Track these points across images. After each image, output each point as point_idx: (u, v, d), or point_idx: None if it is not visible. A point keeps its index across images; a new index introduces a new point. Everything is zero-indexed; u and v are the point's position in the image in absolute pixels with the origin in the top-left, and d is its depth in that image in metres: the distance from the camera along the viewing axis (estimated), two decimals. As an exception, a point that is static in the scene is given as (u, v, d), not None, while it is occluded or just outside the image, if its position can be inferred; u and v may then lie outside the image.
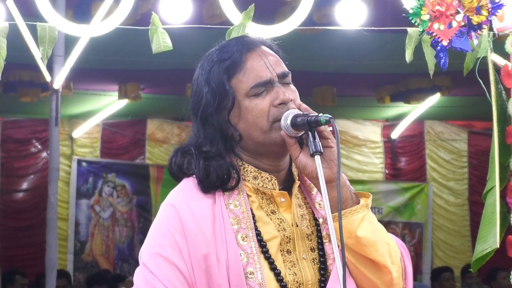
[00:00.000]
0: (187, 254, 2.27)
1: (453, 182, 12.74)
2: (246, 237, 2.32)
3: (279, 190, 2.40)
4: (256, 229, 2.34)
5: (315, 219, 2.44)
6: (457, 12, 3.48)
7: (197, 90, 2.41)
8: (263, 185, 2.39)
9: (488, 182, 3.83)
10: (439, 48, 3.51)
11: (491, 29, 3.78)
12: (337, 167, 2.33)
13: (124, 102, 10.39)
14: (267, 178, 2.39)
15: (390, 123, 12.61)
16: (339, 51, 8.70)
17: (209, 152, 2.36)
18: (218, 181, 2.33)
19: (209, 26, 4.56)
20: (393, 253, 2.41)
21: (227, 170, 2.34)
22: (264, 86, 2.36)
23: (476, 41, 3.56)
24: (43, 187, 10.11)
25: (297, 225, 2.40)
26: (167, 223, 2.32)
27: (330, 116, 2.30)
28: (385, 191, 12.30)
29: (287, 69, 2.42)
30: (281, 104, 2.35)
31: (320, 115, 2.30)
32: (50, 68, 7.77)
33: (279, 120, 2.34)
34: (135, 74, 9.72)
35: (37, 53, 4.27)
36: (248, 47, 2.40)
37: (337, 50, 8.66)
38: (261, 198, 2.39)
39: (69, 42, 7.61)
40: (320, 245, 2.41)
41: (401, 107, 11.55)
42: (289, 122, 2.31)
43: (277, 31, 4.30)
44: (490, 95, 3.80)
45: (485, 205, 3.84)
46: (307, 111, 2.36)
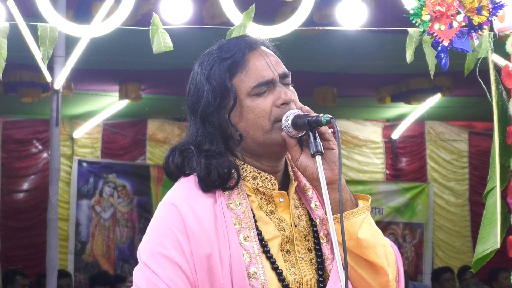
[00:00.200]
0: (189, 254, 2.25)
1: (453, 182, 12.74)
2: (248, 237, 2.31)
3: (278, 190, 2.40)
4: (257, 228, 2.34)
5: (311, 220, 2.44)
6: (458, 13, 3.48)
7: (196, 88, 2.39)
8: (262, 185, 2.38)
9: (489, 183, 3.83)
10: (439, 49, 3.52)
11: (491, 29, 3.78)
12: (338, 168, 2.33)
13: (125, 102, 10.39)
14: (266, 178, 2.38)
15: (391, 124, 12.61)
16: (340, 52, 8.70)
17: (209, 151, 2.34)
18: (219, 179, 2.32)
19: (209, 26, 4.56)
20: (389, 255, 2.42)
21: (228, 169, 2.33)
22: (266, 86, 2.36)
23: (477, 42, 3.57)
24: (44, 187, 10.11)
25: (296, 225, 2.40)
26: (168, 222, 2.29)
27: (331, 116, 2.30)
28: (386, 191, 12.29)
29: (287, 70, 2.42)
30: (283, 104, 2.35)
31: (321, 115, 2.30)
32: (50, 68, 7.77)
33: (280, 121, 2.34)
34: (136, 74, 9.72)
35: (37, 54, 4.27)
36: (250, 46, 2.39)
37: (337, 51, 8.66)
38: (260, 198, 2.39)
39: (70, 43, 7.61)
40: (317, 245, 2.40)
41: (401, 108, 11.55)
42: (290, 122, 2.31)
43: (277, 31, 4.30)
44: (491, 96, 3.80)
45: (485, 206, 3.84)
46: (308, 112, 2.35)
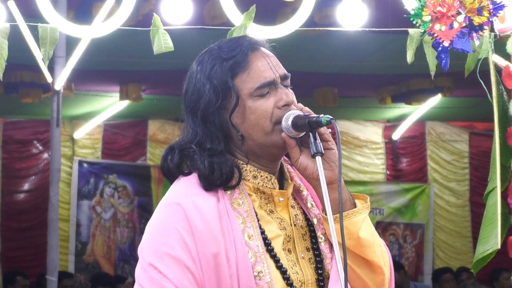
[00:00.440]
0: (195, 253, 2.24)
1: (454, 183, 12.73)
2: (252, 236, 2.31)
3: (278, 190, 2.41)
4: (260, 227, 2.34)
5: (307, 219, 2.45)
6: (458, 13, 3.48)
7: (196, 87, 2.38)
8: (263, 184, 2.38)
9: (489, 183, 3.83)
10: (440, 49, 3.52)
11: (492, 30, 3.78)
12: (339, 168, 2.34)
13: (125, 103, 10.39)
14: (266, 177, 2.39)
15: (391, 124, 12.60)
16: (340, 52, 8.70)
17: (212, 149, 2.34)
18: (223, 178, 2.31)
19: (210, 27, 4.56)
20: (384, 254, 2.43)
21: (231, 167, 2.33)
22: (268, 87, 2.36)
23: (477, 42, 3.57)
24: (44, 188, 10.11)
25: (295, 225, 2.41)
26: (173, 221, 2.27)
27: (331, 117, 2.30)
28: (386, 192, 12.29)
29: (287, 71, 2.43)
30: (284, 105, 2.35)
31: (321, 116, 2.30)
32: (51, 69, 7.78)
33: (281, 122, 2.34)
34: (137, 75, 9.72)
35: (38, 54, 4.27)
36: (252, 47, 2.39)
37: (338, 51, 8.66)
38: (260, 197, 2.39)
39: (71, 43, 7.62)
40: (315, 245, 2.41)
41: (402, 108, 11.55)
42: (290, 122, 2.31)
43: (278, 32, 4.30)
44: (491, 96, 3.80)
45: (486, 206, 3.84)
46: (309, 113, 2.36)
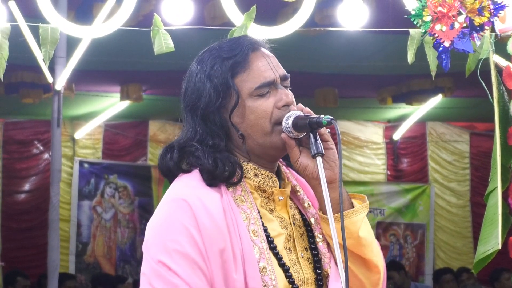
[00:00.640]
0: (204, 249, 2.23)
1: (455, 183, 12.73)
2: (257, 232, 2.31)
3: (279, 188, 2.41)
4: (263, 225, 2.34)
5: (304, 219, 2.45)
6: (459, 13, 3.48)
7: (196, 86, 2.38)
8: (264, 183, 2.38)
9: (490, 184, 3.83)
10: (441, 49, 3.52)
11: (493, 30, 3.78)
12: (339, 168, 2.34)
13: (126, 103, 10.39)
14: (267, 176, 2.39)
15: (392, 124, 12.60)
16: (341, 52, 8.70)
17: (214, 146, 2.34)
18: (226, 173, 2.30)
19: (211, 27, 4.57)
20: (380, 254, 2.45)
21: (234, 163, 2.33)
22: (268, 87, 2.36)
23: (478, 42, 3.57)
24: (45, 188, 10.12)
25: (294, 224, 2.41)
26: (180, 218, 2.25)
27: (332, 117, 2.31)
28: (387, 192, 12.29)
29: (287, 72, 2.43)
30: (284, 106, 2.36)
31: (322, 116, 2.31)
32: (52, 69, 7.78)
33: (280, 123, 2.34)
34: (137, 75, 9.72)
35: (39, 55, 4.28)
36: (252, 46, 2.40)
37: (339, 51, 8.66)
38: (261, 196, 2.39)
39: (71, 44, 7.62)
40: (313, 244, 2.41)
41: (403, 108, 11.55)
42: (290, 123, 2.32)
43: (279, 32, 4.30)
44: (492, 97, 3.80)
45: (487, 207, 3.84)
46: (309, 113, 2.36)
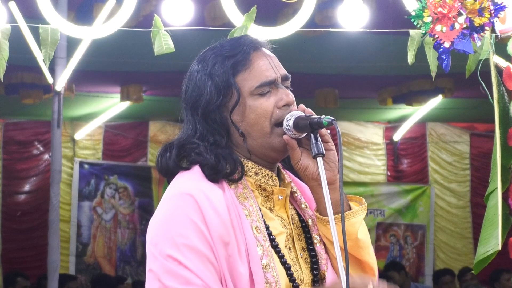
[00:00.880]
0: (212, 243, 2.22)
1: (455, 184, 12.73)
2: (259, 229, 2.31)
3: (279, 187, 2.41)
4: (265, 223, 2.34)
5: (301, 220, 2.45)
6: (459, 14, 3.48)
7: (197, 85, 2.39)
8: (264, 181, 2.38)
9: (490, 184, 3.83)
10: (441, 50, 3.52)
11: (493, 31, 3.78)
12: (340, 169, 2.34)
13: (126, 104, 10.39)
14: (267, 175, 2.39)
15: (392, 125, 12.60)
16: (341, 53, 8.70)
17: (216, 143, 2.34)
18: (228, 168, 2.31)
19: (211, 28, 4.57)
20: (374, 256, 2.46)
21: (235, 160, 2.33)
22: (269, 86, 2.37)
23: (479, 43, 3.57)
24: (45, 189, 10.11)
25: (292, 224, 2.41)
26: (186, 212, 2.24)
27: (332, 118, 2.31)
28: (387, 193, 12.29)
29: (288, 73, 2.43)
30: (285, 105, 2.36)
31: (322, 117, 2.31)
32: (52, 70, 7.78)
33: (280, 124, 2.34)
34: (137, 76, 9.71)
35: (39, 55, 4.28)
36: (254, 46, 2.40)
37: (339, 52, 8.65)
38: (261, 194, 2.39)
39: (71, 44, 7.62)
40: (311, 245, 2.42)
41: (403, 109, 11.55)
42: (291, 123, 2.32)
43: (279, 33, 4.30)
44: (492, 97, 3.80)
45: (487, 207, 3.84)
46: (310, 114, 2.36)
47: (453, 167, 12.75)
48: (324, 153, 2.31)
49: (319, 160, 2.30)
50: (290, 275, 2.31)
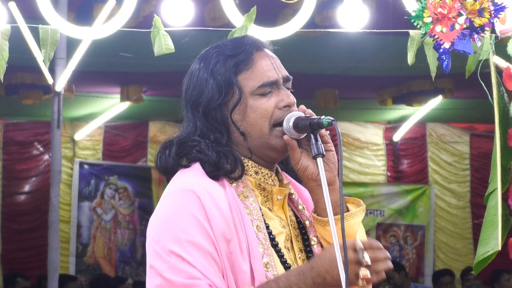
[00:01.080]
0: (215, 239, 2.23)
1: (455, 184, 12.72)
2: (260, 228, 2.31)
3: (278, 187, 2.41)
4: (265, 222, 2.34)
5: (298, 222, 2.45)
6: (459, 15, 3.48)
7: (198, 83, 2.39)
8: (264, 181, 2.39)
9: (490, 185, 3.83)
10: (441, 51, 3.51)
11: (493, 31, 3.78)
12: (340, 170, 2.34)
13: (126, 104, 10.38)
14: (267, 174, 2.39)
15: (392, 126, 12.60)
16: (341, 54, 8.70)
17: (216, 140, 2.34)
18: (229, 166, 2.31)
19: (211, 28, 4.57)
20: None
21: (236, 158, 2.34)
22: (271, 87, 2.37)
23: (479, 44, 3.56)
24: (45, 189, 10.11)
25: (290, 225, 2.41)
26: (189, 208, 2.24)
27: (332, 118, 2.31)
28: (387, 193, 12.29)
29: (289, 74, 2.43)
30: (286, 107, 2.36)
31: (322, 117, 2.31)
32: (52, 70, 7.78)
33: (280, 124, 2.35)
34: (137, 76, 9.71)
35: (39, 56, 4.28)
36: (257, 46, 2.41)
37: (339, 53, 8.65)
38: (261, 194, 2.39)
39: (71, 45, 7.62)
40: (308, 247, 2.42)
41: (403, 110, 11.55)
42: (291, 124, 2.32)
43: (279, 33, 4.30)
44: (492, 98, 3.80)
45: (487, 208, 3.84)
46: (310, 115, 2.36)
47: (453, 167, 12.75)
48: (324, 153, 2.32)
49: (319, 160, 2.30)
50: None
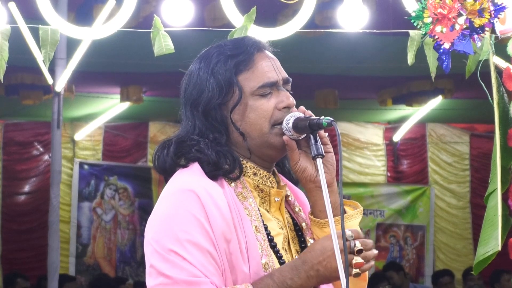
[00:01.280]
0: (214, 239, 2.23)
1: (455, 184, 12.72)
2: (259, 229, 2.31)
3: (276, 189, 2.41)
4: (263, 223, 2.34)
5: (295, 224, 2.46)
6: (459, 15, 3.48)
7: (198, 82, 2.39)
8: (262, 182, 2.39)
9: (490, 185, 3.83)
10: (441, 51, 3.51)
11: (493, 31, 3.78)
12: (339, 171, 2.34)
13: (126, 104, 10.39)
14: (265, 176, 2.39)
15: (392, 126, 12.60)
16: (341, 54, 8.70)
17: (216, 140, 2.34)
18: (228, 166, 2.31)
19: (211, 29, 4.57)
20: None
21: (234, 158, 2.34)
22: (270, 88, 2.37)
23: (479, 44, 3.56)
24: (45, 189, 10.11)
25: (287, 227, 2.42)
26: (189, 208, 2.24)
27: (332, 119, 2.31)
28: (387, 193, 12.29)
29: (287, 74, 2.44)
30: (285, 108, 2.36)
31: (322, 118, 2.31)
32: (52, 70, 7.78)
33: (279, 124, 2.35)
34: (137, 76, 9.71)
35: (39, 56, 4.27)
36: (257, 47, 2.41)
37: (339, 53, 8.65)
38: (259, 195, 2.39)
39: (71, 45, 7.62)
40: (304, 249, 2.40)
41: (403, 110, 11.55)
42: (291, 124, 2.33)
43: (279, 33, 4.30)
44: (492, 98, 3.80)
45: (487, 208, 3.84)
46: (310, 115, 2.36)
47: (453, 168, 12.75)
48: (324, 154, 2.32)
49: (319, 161, 2.30)
50: None
